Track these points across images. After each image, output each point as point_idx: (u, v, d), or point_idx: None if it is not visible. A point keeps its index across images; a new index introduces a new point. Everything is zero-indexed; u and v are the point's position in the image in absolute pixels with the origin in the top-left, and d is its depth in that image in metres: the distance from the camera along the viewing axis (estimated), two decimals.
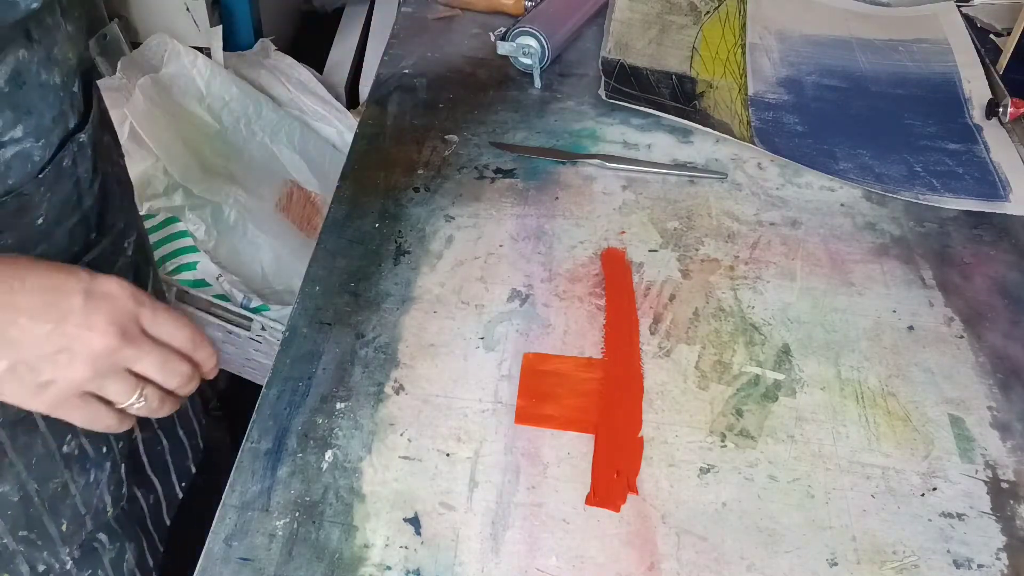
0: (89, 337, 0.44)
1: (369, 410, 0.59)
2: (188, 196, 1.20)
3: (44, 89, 0.52)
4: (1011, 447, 0.58)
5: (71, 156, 0.55)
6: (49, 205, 0.54)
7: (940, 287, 0.69)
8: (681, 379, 0.62)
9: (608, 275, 0.69)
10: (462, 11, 1.03)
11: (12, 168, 0.51)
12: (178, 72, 1.32)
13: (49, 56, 0.51)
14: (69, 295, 0.44)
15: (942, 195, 0.78)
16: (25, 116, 0.50)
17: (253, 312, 1.17)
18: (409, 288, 0.68)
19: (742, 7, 1.02)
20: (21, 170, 0.51)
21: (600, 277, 0.69)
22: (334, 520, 0.53)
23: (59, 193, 0.55)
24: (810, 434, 0.58)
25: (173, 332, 0.47)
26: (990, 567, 0.52)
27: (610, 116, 0.86)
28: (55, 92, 0.52)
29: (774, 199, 0.77)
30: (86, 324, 0.44)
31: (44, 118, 0.52)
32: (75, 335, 0.44)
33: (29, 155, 0.52)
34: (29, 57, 0.50)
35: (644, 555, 0.52)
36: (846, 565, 0.52)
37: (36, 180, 0.52)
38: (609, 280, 0.69)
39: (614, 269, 0.70)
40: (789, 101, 0.89)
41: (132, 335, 0.45)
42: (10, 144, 0.50)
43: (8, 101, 0.49)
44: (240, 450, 0.57)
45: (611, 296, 0.67)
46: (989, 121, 0.86)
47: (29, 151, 0.51)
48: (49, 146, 0.53)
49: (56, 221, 0.55)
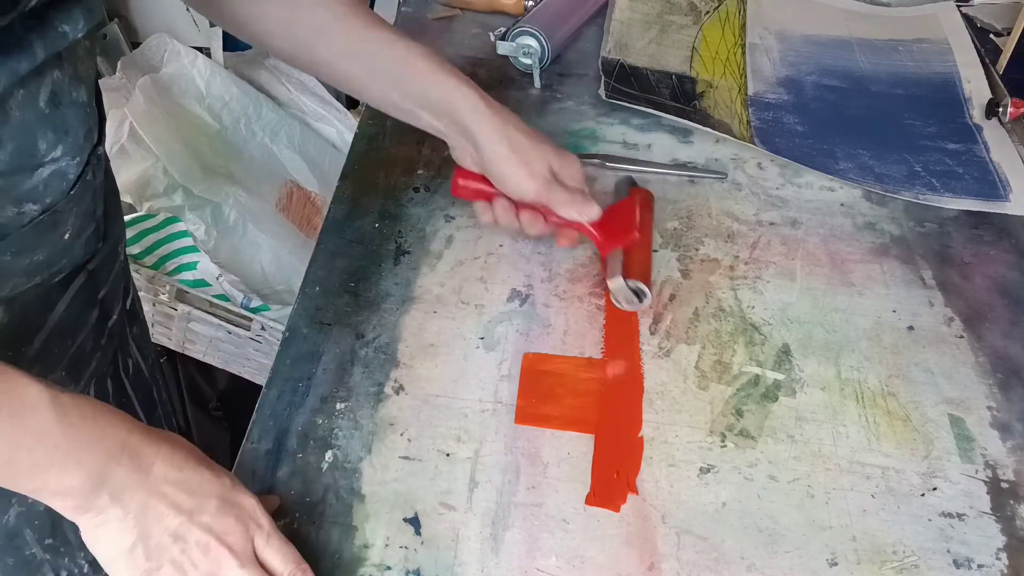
0: (207, 540, 0.46)
1: (369, 410, 0.59)
2: (188, 196, 1.20)
3: (76, 107, 0.52)
4: (1011, 447, 0.58)
5: (92, 168, 0.55)
6: (75, 218, 0.55)
7: (940, 287, 0.69)
8: (681, 379, 0.62)
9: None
10: (462, 11, 1.03)
11: (49, 186, 0.51)
12: (178, 72, 1.32)
13: (76, 74, 0.52)
14: (208, 497, 0.46)
15: (942, 195, 0.78)
16: (64, 136, 0.51)
17: (253, 312, 1.17)
18: (409, 288, 0.68)
19: (742, 7, 1.02)
20: (57, 188, 0.52)
21: (600, 277, 0.69)
22: (334, 520, 0.53)
23: (82, 205, 0.56)
24: (810, 434, 0.58)
25: (279, 562, 0.48)
26: (990, 567, 0.52)
27: (610, 116, 0.86)
28: (84, 109, 0.53)
29: (774, 199, 0.77)
30: (209, 527, 0.46)
31: (78, 136, 0.53)
32: (197, 535, 0.45)
33: (65, 173, 0.52)
34: (62, 77, 0.50)
35: (644, 555, 0.52)
36: (846, 565, 0.52)
37: (69, 196, 0.53)
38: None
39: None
40: (789, 101, 0.89)
41: (244, 553, 0.47)
42: (49, 163, 0.51)
43: (50, 123, 0.50)
44: (240, 450, 0.57)
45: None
46: (989, 121, 0.86)
47: (65, 169, 0.52)
48: (81, 163, 0.54)
49: (78, 234, 0.56)
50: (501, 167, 0.62)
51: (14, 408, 0.41)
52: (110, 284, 0.65)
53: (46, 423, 0.42)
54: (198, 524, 0.46)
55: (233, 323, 1.16)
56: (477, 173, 0.66)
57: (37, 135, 0.49)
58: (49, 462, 0.42)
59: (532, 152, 0.62)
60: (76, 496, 0.43)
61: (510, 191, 0.64)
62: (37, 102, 0.48)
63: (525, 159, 0.62)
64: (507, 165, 0.62)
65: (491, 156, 0.62)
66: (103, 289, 0.64)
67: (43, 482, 0.43)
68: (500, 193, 0.65)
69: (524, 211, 0.65)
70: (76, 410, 0.43)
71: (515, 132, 0.62)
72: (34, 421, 0.41)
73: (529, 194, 0.63)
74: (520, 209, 0.65)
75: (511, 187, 0.63)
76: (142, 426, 0.46)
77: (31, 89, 0.48)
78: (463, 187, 0.67)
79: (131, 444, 0.45)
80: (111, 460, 0.44)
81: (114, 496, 0.44)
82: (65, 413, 0.42)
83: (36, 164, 0.50)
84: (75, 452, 0.43)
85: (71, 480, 0.43)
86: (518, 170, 0.62)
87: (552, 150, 0.64)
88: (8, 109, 0.47)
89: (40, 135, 0.50)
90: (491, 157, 0.63)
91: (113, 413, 0.45)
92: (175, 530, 0.45)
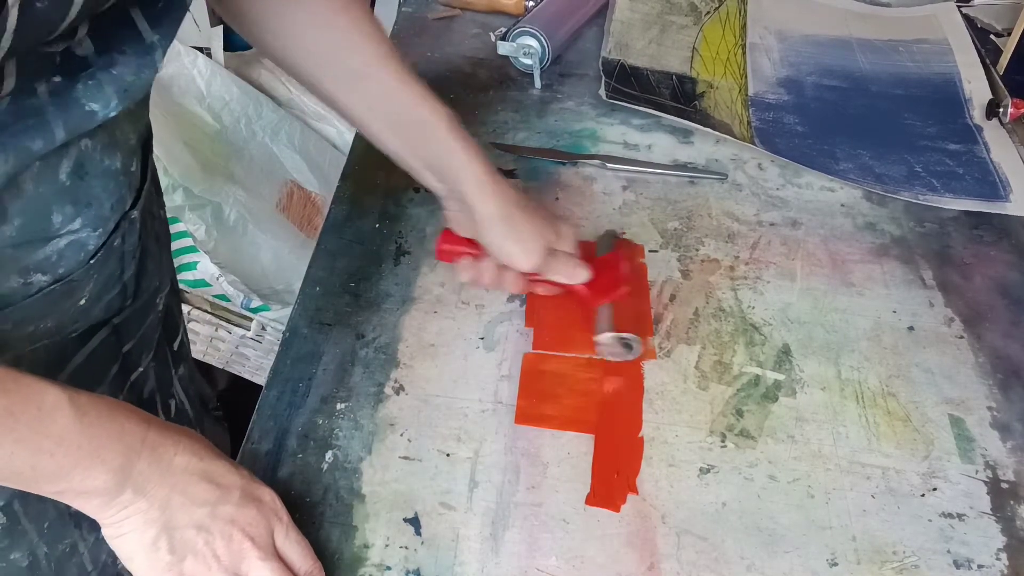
0: (230, 530, 0.46)
1: (369, 410, 0.59)
2: (188, 196, 1.20)
3: (106, 177, 0.49)
4: (1011, 447, 0.58)
5: (121, 235, 0.53)
6: (94, 285, 0.52)
7: (940, 287, 0.69)
8: (681, 379, 0.62)
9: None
10: (462, 11, 1.03)
11: (64, 257, 0.49)
12: (178, 72, 1.32)
13: (112, 140, 0.49)
14: (231, 488, 0.47)
15: (942, 195, 0.78)
16: (85, 208, 0.48)
17: (253, 312, 1.17)
18: (409, 288, 0.68)
19: (742, 7, 1.02)
20: (74, 259, 0.49)
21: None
22: (334, 520, 0.53)
23: (104, 272, 0.53)
24: (810, 434, 0.58)
25: (298, 556, 0.49)
26: (990, 567, 0.52)
27: (610, 116, 0.86)
28: (116, 178, 0.50)
29: (774, 199, 0.77)
30: (232, 518, 0.46)
31: (104, 207, 0.50)
32: (220, 526, 0.46)
33: (84, 244, 0.49)
34: (92, 145, 0.47)
35: (644, 555, 0.52)
36: (846, 565, 0.52)
37: (87, 267, 0.50)
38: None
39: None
40: (789, 101, 0.89)
41: (266, 546, 0.47)
42: (66, 235, 0.48)
43: (70, 196, 0.47)
44: (240, 451, 0.57)
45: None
46: (989, 121, 0.86)
47: (84, 240, 0.49)
48: (105, 233, 0.51)
49: (97, 298, 0.53)
50: (499, 243, 0.61)
51: (32, 416, 0.41)
52: (139, 337, 0.61)
53: (66, 426, 0.41)
54: (222, 515, 0.46)
55: (233, 323, 1.16)
56: (466, 238, 0.63)
57: (53, 208, 0.46)
58: (73, 464, 0.42)
59: (530, 230, 0.61)
60: (101, 494, 0.43)
61: (505, 263, 0.62)
62: (57, 175, 0.45)
63: (522, 238, 0.61)
64: (505, 242, 0.60)
65: (489, 233, 0.61)
66: (129, 343, 0.60)
67: (68, 484, 0.43)
68: (486, 255, 0.63)
69: (509, 272, 0.63)
70: (94, 409, 0.43)
71: (515, 210, 0.61)
72: (55, 426, 0.41)
73: (524, 268, 0.62)
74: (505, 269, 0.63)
75: (506, 260, 0.61)
76: (159, 420, 0.47)
77: (50, 162, 0.45)
78: (448, 251, 0.64)
79: (150, 438, 0.45)
80: (132, 455, 0.44)
81: (138, 490, 0.44)
82: (84, 414, 0.42)
83: (49, 236, 0.47)
84: (97, 451, 0.42)
85: (96, 480, 0.43)
86: (515, 247, 0.60)
87: (548, 224, 0.62)
88: (20, 183, 0.43)
89: (56, 208, 0.46)
90: (489, 234, 0.61)
91: (130, 409, 0.45)
92: (199, 521, 0.45)
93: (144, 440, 0.45)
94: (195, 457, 0.46)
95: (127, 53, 0.44)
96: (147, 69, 0.45)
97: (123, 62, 0.44)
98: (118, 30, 0.44)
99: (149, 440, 0.45)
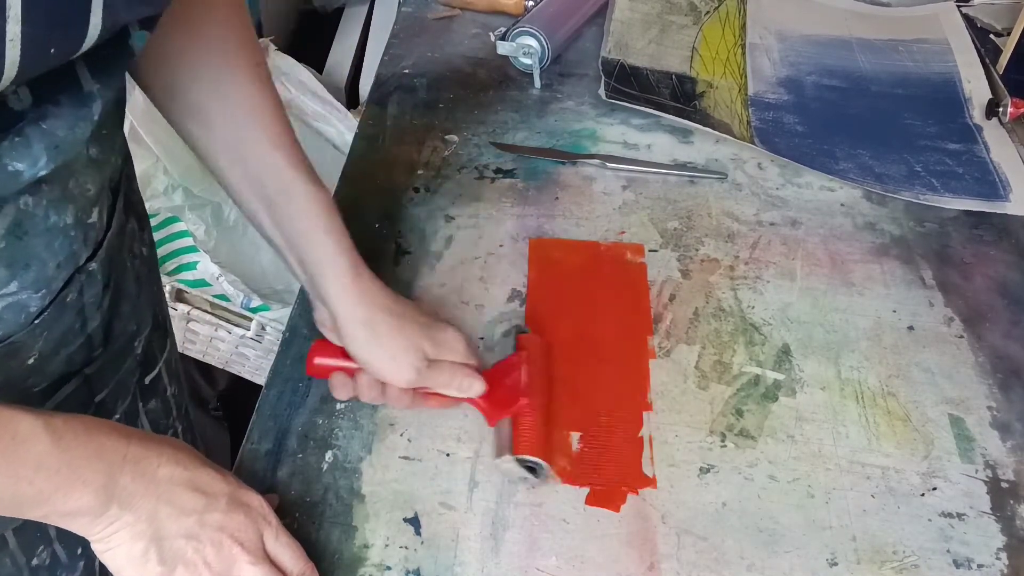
0: (220, 537, 0.46)
1: (369, 410, 0.59)
2: (188, 196, 1.20)
3: (51, 234, 0.45)
4: (1011, 447, 0.58)
5: (77, 288, 0.49)
6: (44, 343, 0.48)
7: (940, 287, 0.69)
8: (681, 379, 0.62)
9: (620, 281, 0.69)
10: (462, 11, 1.03)
11: (3, 320, 0.45)
12: None
13: (63, 194, 0.45)
14: (218, 495, 0.47)
15: (942, 195, 0.78)
16: (23, 271, 0.44)
17: (253, 312, 1.17)
18: (409, 288, 0.68)
19: (742, 7, 1.02)
20: (13, 321, 0.46)
21: None
22: (334, 520, 0.53)
23: (58, 329, 0.49)
24: (810, 434, 0.58)
25: (289, 558, 0.48)
26: (990, 567, 0.52)
27: (610, 116, 0.86)
28: (65, 234, 0.46)
29: (774, 199, 0.77)
30: (220, 525, 0.46)
31: (47, 267, 0.46)
32: (209, 533, 0.46)
33: (25, 306, 0.46)
34: (35, 202, 0.43)
35: (644, 555, 0.52)
36: (846, 565, 0.52)
37: (31, 327, 0.46)
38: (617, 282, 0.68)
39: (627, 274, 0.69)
40: (789, 101, 0.89)
41: (256, 550, 0.47)
42: (1, 298, 0.44)
43: (3, 258, 0.43)
44: (240, 451, 0.57)
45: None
46: (989, 121, 0.86)
47: (25, 302, 0.45)
48: (51, 293, 0.47)
49: (53, 353, 0.49)
50: (363, 355, 0.54)
51: (6, 444, 0.40)
52: (114, 384, 0.57)
53: (43, 452, 0.41)
54: (210, 522, 0.46)
55: (233, 323, 1.16)
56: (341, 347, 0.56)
57: None
58: (54, 488, 0.41)
59: (400, 340, 0.54)
60: (86, 514, 0.43)
61: (379, 378, 0.55)
62: None
63: (390, 347, 0.54)
64: (370, 353, 0.54)
65: (353, 342, 0.54)
66: (102, 392, 0.56)
67: (51, 507, 0.42)
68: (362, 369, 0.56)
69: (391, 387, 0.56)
70: (70, 431, 0.42)
71: (381, 315, 0.54)
72: (31, 453, 0.40)
73: (397, 383, 0.55)
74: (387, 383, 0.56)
75: (375, 374, 0.55)
76: (139, 433, 0.46)
77: None
78: (318, 366, 0.57)
79: (132, 453, 0.44)
80: (115, 471, 0.43)
81: (124, 504, 0.44)
82: (60, 437, 0.41)
83: None
84: (77, 473, 0.42)
85: (79, 500, 0.42)
86: (382, 359, 0.54)
87: (424, 333, 0.55)
88: None
89: None
90: (353, 344, 0.55)
91: (108, 426, 0.45)
92: (188, 530, 0.45)
93: (125, 456, 0.44)
94: (179, 467, 0.46)
95: (62, 104, 0.40)
96: (82, 123, 0.41)
97: (55, 114, 0.40)
98: (56, 79, 0.40)
99: (131, 454, 0.44)
